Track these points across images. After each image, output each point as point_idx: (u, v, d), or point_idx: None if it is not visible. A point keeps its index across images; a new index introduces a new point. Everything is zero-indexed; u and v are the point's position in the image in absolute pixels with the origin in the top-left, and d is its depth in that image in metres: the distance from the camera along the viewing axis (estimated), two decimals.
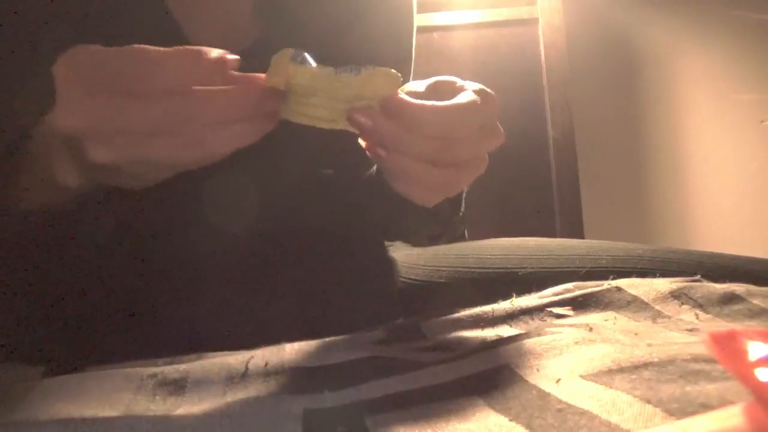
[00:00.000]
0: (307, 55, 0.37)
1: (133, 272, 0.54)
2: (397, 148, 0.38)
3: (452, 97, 0.39)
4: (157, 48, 0.34)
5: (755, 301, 0.42)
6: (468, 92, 0.40)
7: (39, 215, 0.45)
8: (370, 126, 0.37)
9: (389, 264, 0.66)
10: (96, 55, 0.34)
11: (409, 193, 0.42)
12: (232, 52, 0.57)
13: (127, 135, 0.34)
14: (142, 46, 0.34)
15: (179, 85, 0.34)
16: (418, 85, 0.42)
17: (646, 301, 0.44)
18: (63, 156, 0.37)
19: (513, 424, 0.26)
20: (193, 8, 0.55)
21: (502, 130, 0.42)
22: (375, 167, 0.59)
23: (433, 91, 0.41)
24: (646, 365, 0.29)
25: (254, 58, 0.57)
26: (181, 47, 0.35)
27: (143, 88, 0.33)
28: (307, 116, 0.38)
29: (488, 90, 0.41)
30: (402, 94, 0.38)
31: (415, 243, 0.70)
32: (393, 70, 0.38)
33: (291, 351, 0.40)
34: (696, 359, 0.28)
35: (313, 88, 0.37)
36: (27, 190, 0.43)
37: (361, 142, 0.41)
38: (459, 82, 0.42)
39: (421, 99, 0.40)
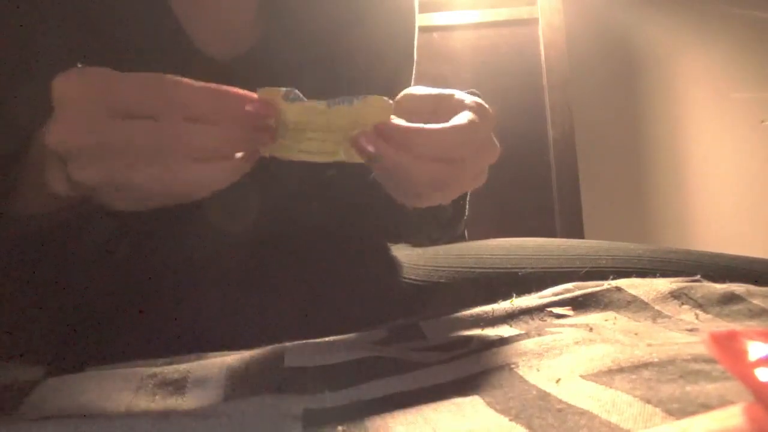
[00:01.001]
0: (297, 92, 0.38)
1: (133, 272, 0.54)
2: (398, 172, 0.38)
3: (451, 112, 0.39)
4: (166, 76, 0.34)
5: (755, 301, 0.42)
6: (465, 113, 0.40)
7: (39, 218, 0.45)
8: (372, 153, 0.37)
9: (390, 264, 0.66)
10: (100, 76, 0.34)
11: (402, 198, 0.43)
12: (234, 52, 0.57)
13: (105, 156, 0.34)
14: (151, 75, 0.34)
15: (167, 113, 0.34)
16: (417, 90, 0.43)
17: (646, 301, 0.44)
18: (54, 164, 0.37)
19: (513, 424, 0.26)
20: (195, 9, 0.55)
21: (498, 144, 0.43)
22: None
23: (433, 103, 0.42)
24: (646, 365, 0.29)
25: (256, 59, 0.57)
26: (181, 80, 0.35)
27: (132, 110, 0.33)
28: (305, 152, 0.38)
29: (485, 105, 0.41)
30: (396, 119, 0.39)
31: (416, 243, 0.70)
32: (385, 98, 0.38)
33: (291, 351, 0.40)
34: (696, 359, 0.28)
35: (309, 123, 0.37)
36: (24, 194, 0.43)
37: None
38: (457, 95, 0.42)
39: (420, 110, 0.41)
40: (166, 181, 0.34)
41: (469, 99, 0.41)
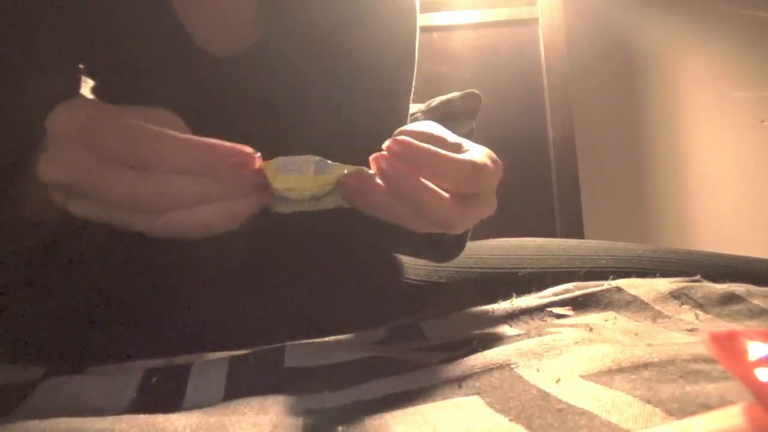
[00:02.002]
0: (293, 159, 0.37)
1: (132, 272, 0.55)
2: (404, 194, 0.36)
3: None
4: (155, 129, 0.32)
5: (755, 301, 0.42)
6: (482, 150, 0.39)
7: (44, 225, 0.45)
8: (388, 171, 0.36)
9: (390, 264, 0.66)
10: (96, 112, 0.33)
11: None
12: (235, 51, 0.57)
13: (97, 199, 0.33)
14: (141, 124, 0.32)
15: (163, 167, 0.32)
16: (420, 128, 0.41)
17: (646, 301, 0.44)
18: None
19: (513, 424, 0.26)
20: (196, 8, 0.55)
21: (496, 202, 0.42)
22: None
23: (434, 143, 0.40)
24: (646, 365, 0.29)
25: (256, 57, 0.57)
26: (183, 137, 0.33)
27: (125, 159, 0.32)
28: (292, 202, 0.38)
29: (496, 157, 0.40)
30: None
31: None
32: (366, 169, 0.37)
33: (291, 351, 0.40)
34: (696, 359, 0.28)
35: (298, 188, 0.37)
36: (26, 203, 0.44)
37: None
38: (465, 144, 0.40)
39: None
40: (145, 225, 0.33)
41: (477, 147, 0.40)
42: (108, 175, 0.32)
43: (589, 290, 0.47)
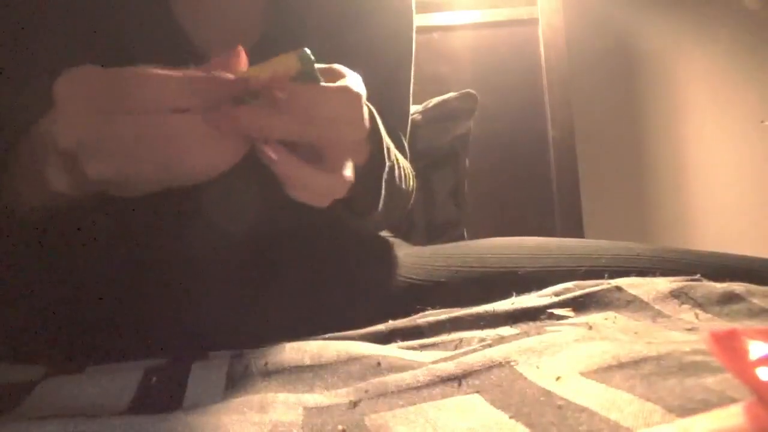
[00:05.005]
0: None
1: (132, 272, 0.55)
2: (270, 130, 0.39)
3: None
4: (156, 71, 0.35)
5: (755, 301, 0.42)
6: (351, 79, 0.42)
7: (38, 215, 0.45)
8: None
9: (390, 264, 0.66)
10: (95, 74, 0.35)
11: (300, 197, 0.42)
12: None
13: (115, 151, 0.35)
14: (144, 68, 0.35)
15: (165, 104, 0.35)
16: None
17: (646, 300, 0.44)
18: (55, 163, 0.37)
19: (513, 421, 0.27)
20: (196, 12, 0.55)
21: (365, 125, 0.42)
22: None
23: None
24: (645, 360, 0.29)
25: (254, 57, 0.57)
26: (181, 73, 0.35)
27: (133, 106, 0.34)
28: None
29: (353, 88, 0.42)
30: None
31: (415, 242, 0.70)
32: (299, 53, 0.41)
33: (291, 350, 0.40)
34: (695, 351, 0.28)
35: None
36: (22, 192, 0.44)
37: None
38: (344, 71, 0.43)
39: None
40: (171, 169, 0.35)
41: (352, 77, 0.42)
42: (111, 121, 0.34)
43: (589, 290, 0.47)
